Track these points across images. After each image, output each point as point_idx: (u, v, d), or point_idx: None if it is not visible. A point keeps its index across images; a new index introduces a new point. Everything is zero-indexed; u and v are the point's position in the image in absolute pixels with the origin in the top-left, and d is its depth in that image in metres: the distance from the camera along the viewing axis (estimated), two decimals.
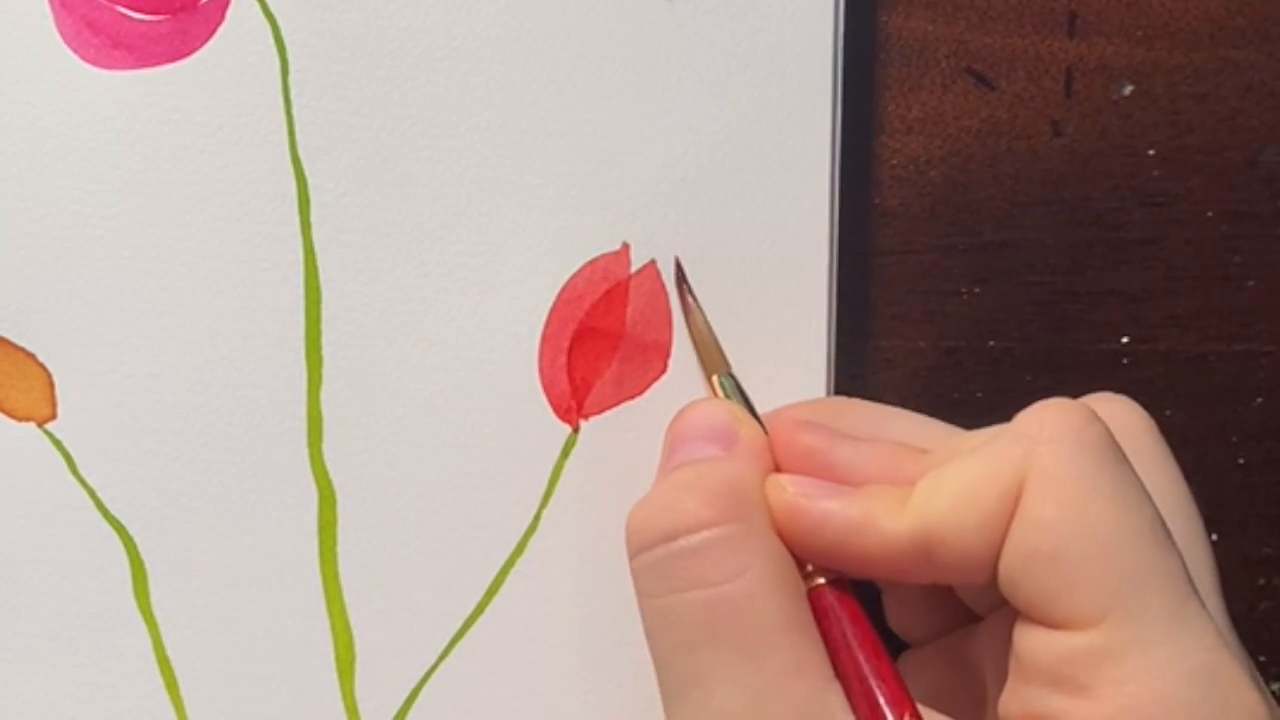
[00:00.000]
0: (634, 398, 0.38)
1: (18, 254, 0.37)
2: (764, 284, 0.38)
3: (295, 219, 0.38)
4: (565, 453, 0.38)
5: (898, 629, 0.37)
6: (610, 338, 0.38)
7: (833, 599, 0.33)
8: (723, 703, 0.31)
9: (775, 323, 0.38)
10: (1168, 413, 0.41)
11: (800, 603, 0.32)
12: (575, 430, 0.38)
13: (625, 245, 0.38)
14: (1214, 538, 0.41)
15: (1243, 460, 0.41)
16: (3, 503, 0.37)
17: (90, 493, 0.38)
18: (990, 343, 0.41)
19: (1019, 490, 0.30)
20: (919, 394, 0.41)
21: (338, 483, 0.38)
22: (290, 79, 0.37)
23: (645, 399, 0.38)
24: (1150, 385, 0.41)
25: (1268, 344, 0.41)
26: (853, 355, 0.40)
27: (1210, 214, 0.41)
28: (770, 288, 0.38)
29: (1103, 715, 0.29)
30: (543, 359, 0.38)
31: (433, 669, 0.38)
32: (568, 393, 0.38)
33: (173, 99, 0.37)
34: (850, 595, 0.33)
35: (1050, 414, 0.31)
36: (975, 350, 0.41)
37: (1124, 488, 0.30)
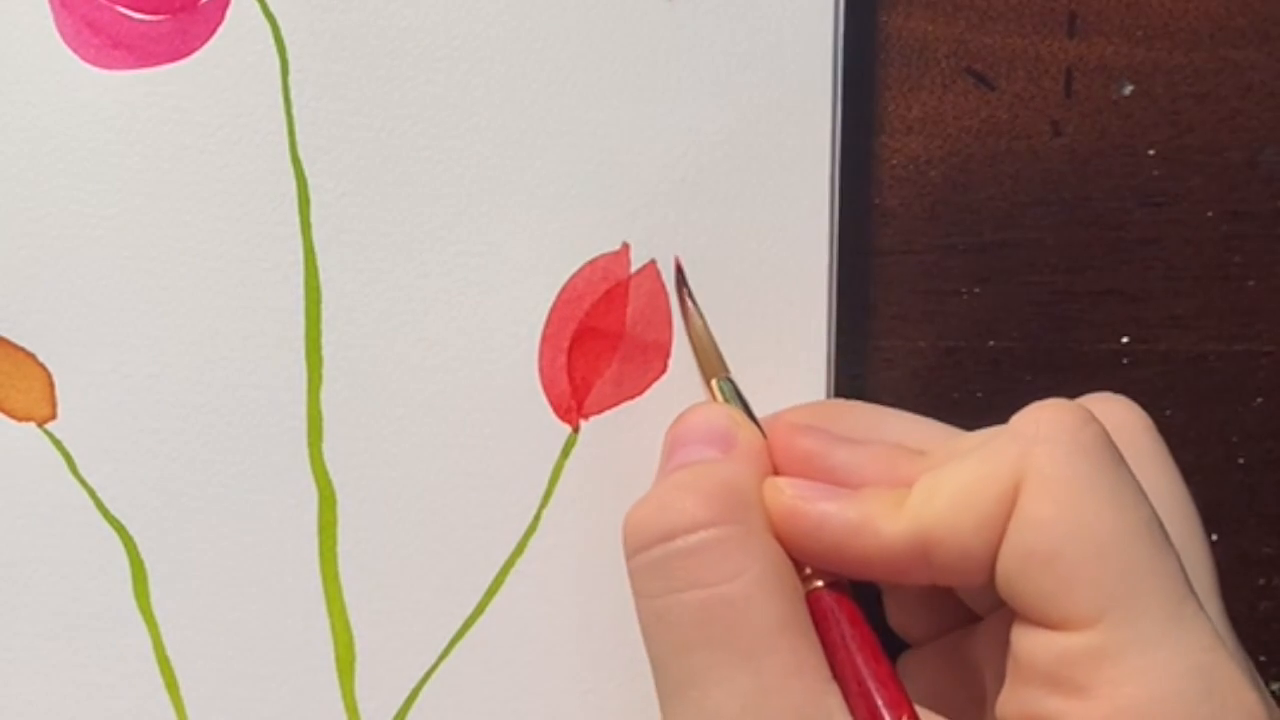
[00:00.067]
0: (634, 398, 0.38)
1: (18, 254, 0.37)
2: (764, 284, 0.38)
3: (295, 219, 0.38)
4: (565, 453, 0.38)
5: (898, 629, 0.37)
6: (610, 338, 0.38)
7: (831, 601, 0.32)
8: (719, 704, 0.31)
9: (775, 322, 0.38)
10: (1168, 413, 0.41)
11: (798, 604, 0.32)
12: (575, 430, 0.38)
13: (625, 245, 0.38)
14: (1214, 538, 0.41)
15: (1243, 460, 0.41)
16: (3, 503, 0.37)
17: (90, 493, 0.38)
18: (990, 343, 0.41)
19: (1016, 491, 0.30)
20: (919, 394, 0.41)
21: (338, 483, 0.38)
22: (290, 79, 0.37)
23: (645, 399, 0.38)
24: (1150, 385, 0.41)
25: (1268, 344, 0.41)
26: (853, 355, 0.40)
27: (1210, 214, 0.41)
28: (770, 288, 0.38)
29: (1100, 716, 0.29)
30: (543, 359, 0.38)
31: (433, 669, 0.38)
32: (568, 393, 0.38)
33: (173, 99, 0.37)
34: (849, 598, 0.33)
35: (1046, 414, 0.31)
36: (975, 350, 0.41)
37: (1120, 488, 0.30)
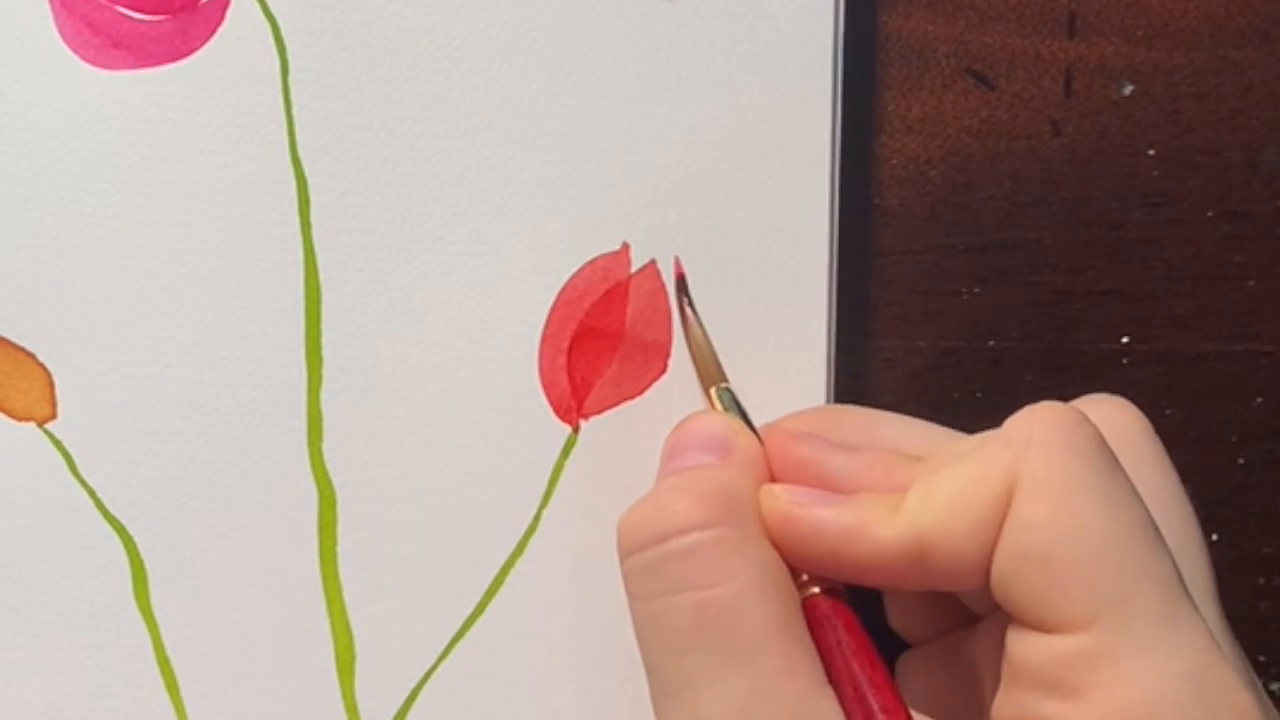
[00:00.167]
0: (634, 398, 0.38)
1: (18, 254, 0.37)
2: (764, 284, 0.38)
3: (295, 219, 0.38)
4: (565, 453, 0.38)
5: (898, 629, 0.37)
6: (610, 338, 0.38)
7: (827, 607, 0.32)
8: (712, 706, 0.31)
9: (775, 322, 0.38)
10: (1168, 412, 0.41)
11: (792, 608, 0.32)
12: (575, 430, 0.38)
13: (625, 245, 0.38)
14: (1214, 538, 0.41)
15: (1243, 460, 0.41)
16: (3, 503, 0.37)
17: (90, 493, 0.38)
18: (990, 343, 0.41)
19: (1010, 494, 0.30)
20: (919, 394, 0.41)
21: (338, 483, 0.38)
22: (290, 79, 0.37)
23: (645, 399, 0.38)
24: (1150, 385, 0.41)
25: (1268, 344, 0.41)
26: (853, 355, 0.40)
27: (1210, 214, 0.41)
28: (770, 288, 0.38)
29: (1094, 719, 0.29)
30: (543, 359, 0.38)
31: (433, 669, 0.38)
32: (568, 393, 0.38)
33: (173, 99, 0.37)
34: (845, 603, 0.33)
35: (1040, 417, 0.31)
36: (975, 350, 0.41)
37: (1114, 490, 0.30)
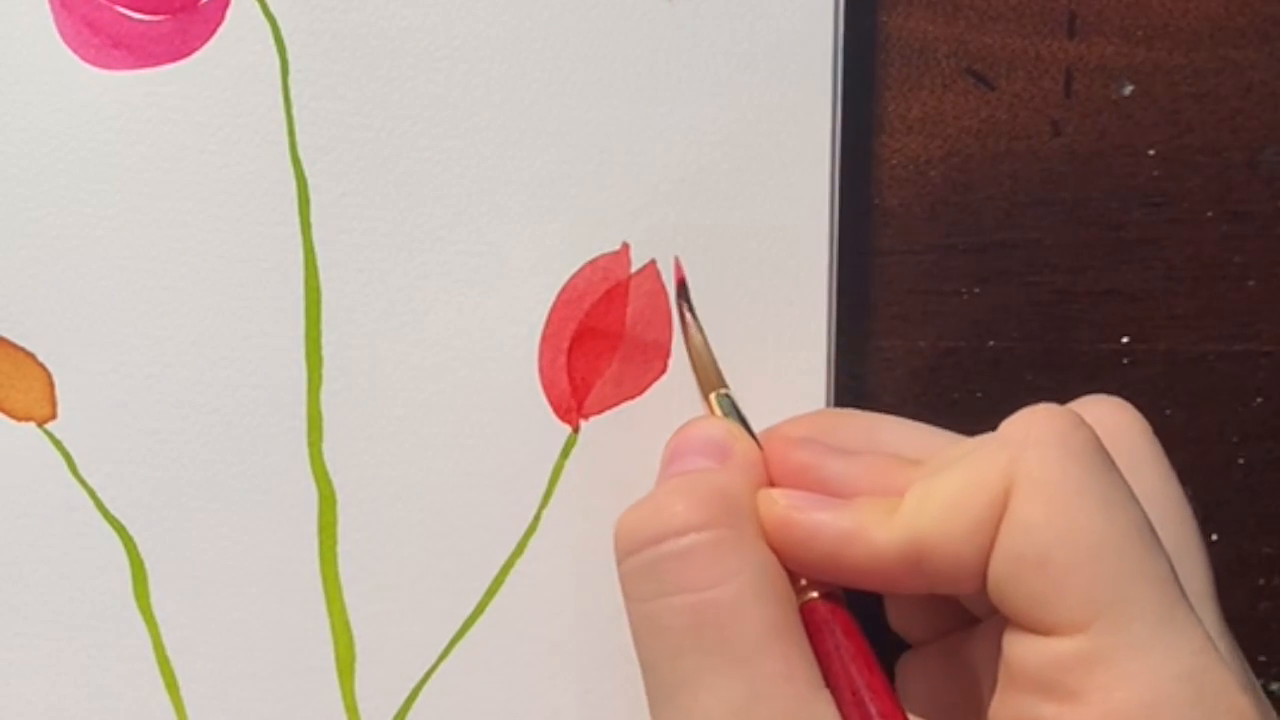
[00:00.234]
0: (634, 398, 0.38)
1: (18, 254, 0.37)
2: (764, 284, 0.38)
3: (295, 219, 0.38)
4: (565, 453, 0.38)
5: (898, 630, 0.37)
6: (610, 338, 0.38)
7: (826, 612, 0.32)
8: (709, 708, 0.31)
9: (775, 322, 0.38)
10: (1168, 413, 0.41)
11: (790, 611, 0.32)
12: (575, 430, 0.38)
13: (625, 245, 0.38)
14: (1214, 538, 0.41)
15: (1243, 460, 0.41)
16: (3, 503, 0.37)
17: (90, 493, 0.38)
18: (990, 343, 0.41)
19: (1006, 496, 0.30)
20: (919, 394, 0.41)
21: (338, 483, 0.38)
22: (290, 79, 0.37)
23: (645, 399, 0.38)
24: (1150, 385, 0.41)
25: (1268, 344, 0.41)
26: (853, 356, 0.40)
27: (1210, 214, 0.41)
28: (770, 288, 0.38)
29: None
30: (543, 359, 0.38)
31: (433, 669, 0.38)
32: (568, 393, 0.38)
33: (173, 99, 0.37)
34: (843, 608, 0.33)
35: (1036, 419, 0.31)
36: (975, 350, 0.41)
37: (1111, 491, 0.30)
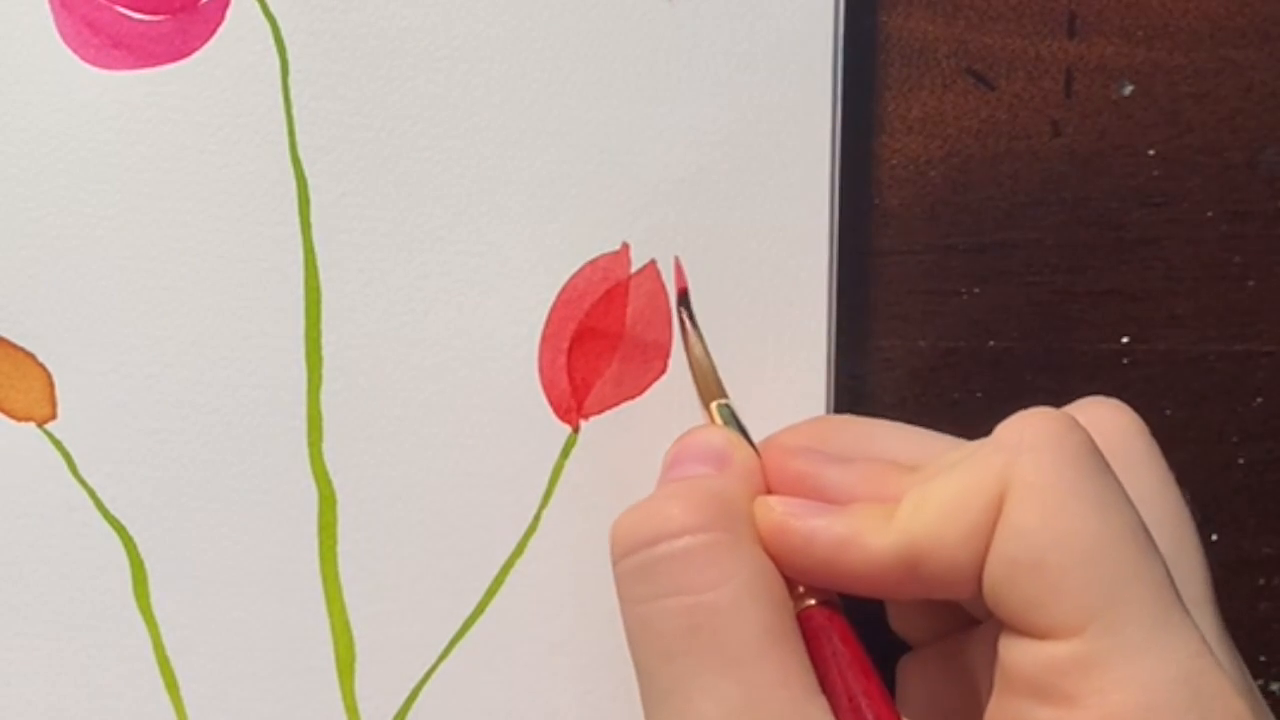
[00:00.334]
0: (634, 398, 0.38)
1: (18, 254, 0.37)
2: (764, 284, 0.38)
3: (295, 219, 0.38)
4: (565, 453, 0.38)
5: (899, 631, 0.37)
6: (610, 338, 0.38)
7: (823, 619, 0.32)
8: (702, 712, 0.31)
9: (775, 322, 0.38)
10: (1167, 412, 0.41)
11: (786, 616, 0.32)
12: (575, 430, 0.38)
13: (625, 245, 0.38)
14: (1214, 538, 0.41)
15: (1243, 460, 0.41)
16: (3, 503, 0.37)
17: (90, 493, 0.38)
18: (990, 343, 0.41)
19: (1001, 500, 0.30)
20: (919, 394, 0.41)
21: (338, 483, 0.38)
22: (290, 79, 0.37)
23: (645, 399, 0.38)
24: (1150, 385, 0.41)
25: (1268, 344, 0.41)
26: (853, 356, 0.40)
27: (1210, 214, 0.41)
28: (770, 288, 0.38)
29: None
30: (543, 359, 0.38)
31: (433, 669, 0.38)
32: (568, 393, 0.38)
33: (173, 99, 0.37)
34: (841, 615, 0.33)
35: (1030, 423, 0.31)
36: (975, 350, 0.41)
37: (1106, 494, 0.30)
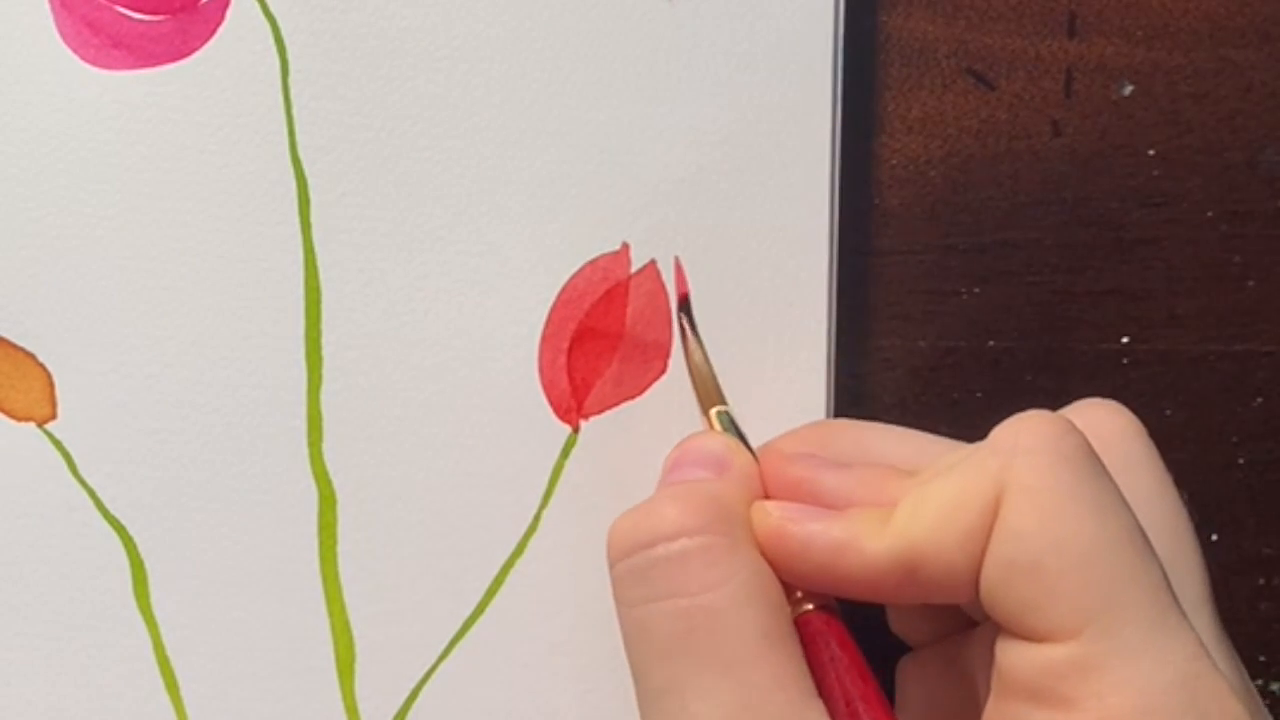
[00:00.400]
0: (634, 398, 0.38)
1: (18, 254, 0.37)
2: (764, 284, 0.38)
3: (295, 219, 0.38)
4: (565, 453, 0.38)
5: (899, 632, 0.37)
6: (610, 338, 0.38)
7: (821, 623, 0.32)
8: (697, 714, 0.30)
9: (775, 322, 0.38)
10: (1167, 413, 0.41)
11: (782, 620, 0.32)
12: (575, 430, 0.38)
13: (625, 245, 0.38)
14: (1214, 538, 0.41)
15: (1243, 460, 0.41)
16: (3, 503, 0.37)
17: (90, 493, 0.38)
18: (990, 343, 0.41)
19: (997, 503, 0.30)
20: (919, 394, 0.41)
21: (338, 483, 0.38)
22: (290, 79, 0.37)
23: (645, 399, 0.38)
24: (1150, 385, 0.41)
25: (1268, 344, 0.41)
26: (853, 356, 0.40)
27: (1210, 214, 0.41)
28: (770, 288, 0.38)
29: None
30: (543, 359, 0.38)
31: (433, 669, 0.38)
32: (568, 393, 0.38)
33: (173, 99, 0.37)
34: (838, 620, 0.33)
35: (1027, 426, 0.31)
36: (975, 350, 0.41)
37: (1102, 497, 0.30)
